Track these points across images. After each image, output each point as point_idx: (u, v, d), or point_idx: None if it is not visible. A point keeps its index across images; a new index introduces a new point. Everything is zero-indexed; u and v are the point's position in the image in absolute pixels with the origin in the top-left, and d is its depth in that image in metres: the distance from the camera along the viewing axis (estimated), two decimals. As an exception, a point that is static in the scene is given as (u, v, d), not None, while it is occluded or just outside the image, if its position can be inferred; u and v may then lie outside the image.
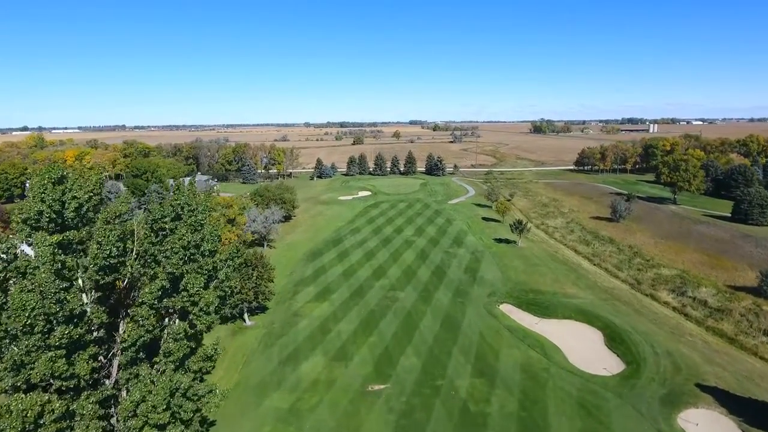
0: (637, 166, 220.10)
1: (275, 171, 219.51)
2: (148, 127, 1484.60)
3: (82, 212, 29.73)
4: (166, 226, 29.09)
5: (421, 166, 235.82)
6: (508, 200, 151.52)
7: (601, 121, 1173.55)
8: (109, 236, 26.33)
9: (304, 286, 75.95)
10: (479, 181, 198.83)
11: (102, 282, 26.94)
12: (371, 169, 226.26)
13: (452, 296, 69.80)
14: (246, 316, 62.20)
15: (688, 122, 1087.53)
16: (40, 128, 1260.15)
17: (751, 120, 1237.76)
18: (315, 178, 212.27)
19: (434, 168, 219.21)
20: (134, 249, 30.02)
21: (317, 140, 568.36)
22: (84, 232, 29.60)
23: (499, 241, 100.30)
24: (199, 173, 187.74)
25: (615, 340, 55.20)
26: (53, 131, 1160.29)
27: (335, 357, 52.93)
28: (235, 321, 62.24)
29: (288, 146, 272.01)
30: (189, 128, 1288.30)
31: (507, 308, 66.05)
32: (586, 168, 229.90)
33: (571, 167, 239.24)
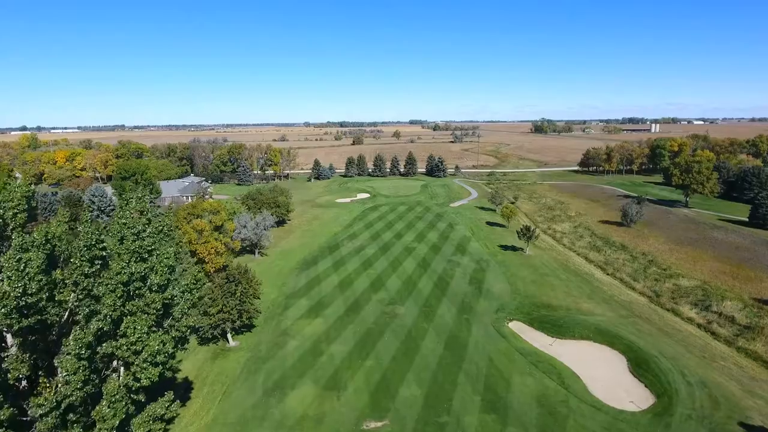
0: (644, 166, 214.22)
1: (272, 172, 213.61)
2: (148, 127, 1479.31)
3: (4, 233, 23.92)
4: (105, 254, 23.18)
5: (421, 167, 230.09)
6: (512, 203, 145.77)
7: (601, 121, 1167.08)
8: (24, 268, 20.51)
9: (296, 299, 70.02)
10: (482, 183, 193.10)
11: (18, 327, 21.13)
12: (370, 170, 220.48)
13: (457, 312, 63.91)
14: (230, 336, 56.31)
15: (689, 122, 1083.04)
16: (39, 128, 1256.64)
17: (753, 120, 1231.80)
18: (312, 180, 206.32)
19: (435, 169, 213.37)
20: (66, 281, 24.21)
21: (316, 140, 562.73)
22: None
23: (505, 248, 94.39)
24: (192, 175, 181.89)
25: (640, 366, 49.27)
26: (52, 131, 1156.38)
27: (327, 386, 47.03)
28: (217, 342, 56.33)
29: (285, 146, 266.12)
30: (189, 128, 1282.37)
31: (517, 326, 60.14)
32: (591, 169, 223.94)
33: (576, 168, 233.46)
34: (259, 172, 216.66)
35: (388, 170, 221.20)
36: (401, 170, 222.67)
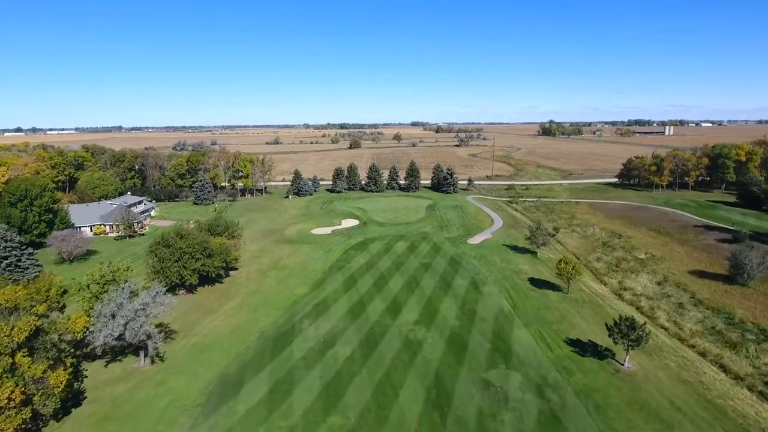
0: (700, 178, 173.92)
1: (242, 185, 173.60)
2: (146, 128, 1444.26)
3: None
4: None
5: (425, 177, 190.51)
6: (552, 235, 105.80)
7: (606, 123, 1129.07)
8: None
9: None
10: (503, 201, 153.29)
11: None
12: (363, 183, 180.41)
13: None
14: None
15: (697, 124, 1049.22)
16: (33, 129, 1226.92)
17: (760, 122, 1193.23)
18: (290, 196, 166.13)
19: (443, 182, 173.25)
20: None
21: (311, 143, 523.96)
22: None
23: (581, 349, 54.18)
24: (129, 193, 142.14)
25: None
26: (48, 132, 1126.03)
27: None
28: None
29: (260, 152, 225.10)
30: (187, 130, 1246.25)
31: None
32: (632, 182, 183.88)
33: (612, 180, 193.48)
34: (227, 184, 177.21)
35: (386, 183, 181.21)
36: (401, 183, 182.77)
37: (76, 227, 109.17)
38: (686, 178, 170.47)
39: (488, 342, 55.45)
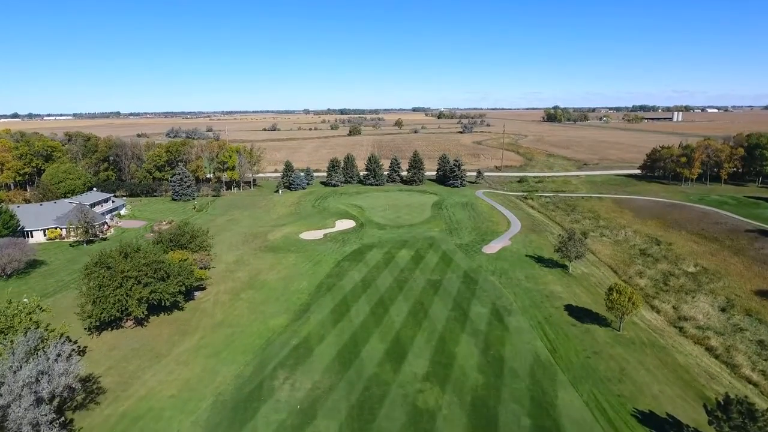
0: (733, 170, 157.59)
1: (228, 178, 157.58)
2: (144, 113, 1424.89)
3: None
4: None
5: (430, 168, 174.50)
6: (582, 239, 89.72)
7: (610, 109, 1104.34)
8: None
9: None
10: (516, 197, 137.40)
11: None
12: (362, 176, 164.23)
13: None
14: None
15: (702, 110, 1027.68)
16: (30, 115, 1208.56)
17: (766, 108, 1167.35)
18: (281, 191, 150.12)
19: (449, 175, 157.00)
20: None
21: (310, 129, 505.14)
22: None
23: (661, 431, 39.05)
24: (94, 189, 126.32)
25: None
26: (45, 118, 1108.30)
27: None
28: None
29: (256, 139, 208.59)
30: (186, 115, 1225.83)
31: None
32: (656, 174, 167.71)
33: (632, 172, 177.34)
34: (211, 176, 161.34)
35: (386, 175, 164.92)
36: (403, 175, 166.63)
37: (26, 231, 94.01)
38: (718, 171, 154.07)
39: (526, 415, 40.25)
